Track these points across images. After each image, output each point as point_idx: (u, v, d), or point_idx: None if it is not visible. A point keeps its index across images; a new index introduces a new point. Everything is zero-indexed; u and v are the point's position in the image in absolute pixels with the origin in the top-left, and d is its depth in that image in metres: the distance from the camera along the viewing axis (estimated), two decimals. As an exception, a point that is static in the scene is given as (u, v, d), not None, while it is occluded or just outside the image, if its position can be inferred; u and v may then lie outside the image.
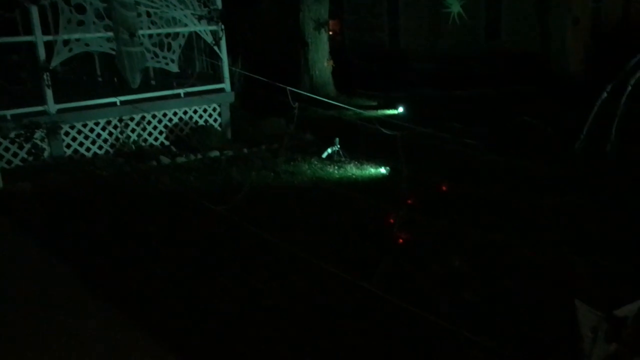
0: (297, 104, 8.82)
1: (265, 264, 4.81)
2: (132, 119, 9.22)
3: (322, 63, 15.63)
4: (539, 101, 12.81)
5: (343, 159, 8.42)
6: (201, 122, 9.97)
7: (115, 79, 9.85)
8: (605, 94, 8.50)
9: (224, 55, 10.09)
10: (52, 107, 8.50)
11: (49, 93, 8.45)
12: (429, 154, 8.52)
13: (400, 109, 13.18)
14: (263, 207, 6.35)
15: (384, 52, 20.18)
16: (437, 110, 12.58)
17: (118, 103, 9.05)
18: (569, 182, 6.94)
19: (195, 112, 9.94)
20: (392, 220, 5.26)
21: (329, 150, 8.56)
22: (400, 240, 4.88)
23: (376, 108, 13.89)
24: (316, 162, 8.34)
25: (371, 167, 8.01)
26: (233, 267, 4.79)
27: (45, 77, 8.40)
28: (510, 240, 5.07)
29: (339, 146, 8.54)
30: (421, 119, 11.63)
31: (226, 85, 10.25)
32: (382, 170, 7.81)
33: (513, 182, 7.07)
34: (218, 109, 10.19)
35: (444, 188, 6.47)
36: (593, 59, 15.10)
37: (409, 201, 5.93)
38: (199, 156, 8.90)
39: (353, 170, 7.95)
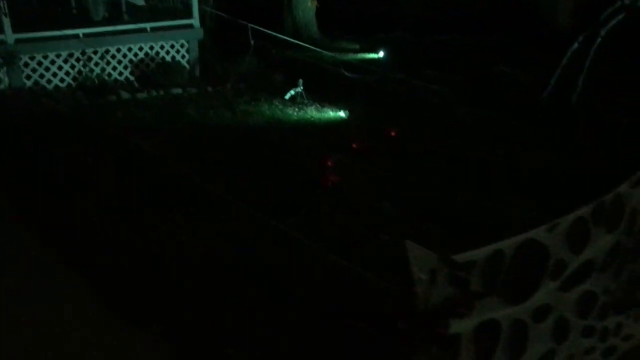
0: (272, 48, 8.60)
1: (183, 205, 4.74)
2: (95, 53, 9.01)
3: (305, 3, 15.19)
4: (522, 51, 12.52)
5: (306, 101, 8.28)
6: (168, 58, 9.76)
7: (75, 11, 9.59)
8: (576, 45, 8.30)
9: (192, -13, 9.78)
10: (10, 36, 8.28)
11: (6, 22, 8.22)
12: (395, 101, 8.39)
13: (381, 54, 12.91)
14: (201, 145, 6.25)
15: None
16: (418, 56, 12.31)
17: (81, 35, 8.85)
18: (523, 132, 6.85)
19: (162, 47, 9.71)
20: (329, 164, 5.20)
21: (292, 92, 8.41)
22: (331, 184, 4.84)
23: (357, 51, 13.59)
24: (278, 103, 8.21)
25: (332, 110, 7.89)
26: (151, 207, 4.73)
27: (2, 5, 8.15)
28: (442, 187, 5.05)
29: (302, 88, 8.39)
30: (400, 64, 11.44)
31: (195, 21, 9.98)
32: (342, 114, 7.70)
33: (469, 131, 6.98)
34: (186, 46, 9.95)
35: (393, 134, 6.38)
36: (585, 13, 14.69)
37: (354, 145, 5.86)
38: (161, 92, 8.75)
39: (313, 112, 7.83)
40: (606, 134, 6.45)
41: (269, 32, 9.46)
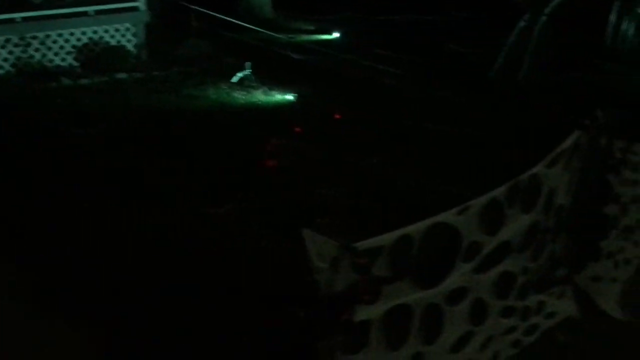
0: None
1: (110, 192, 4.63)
2: (34, 38, 8.69)
3: (259, -16, 14.91)
4: (475, 29, 12.54)
5: (254, 84, 8.14)
6: (113, 42, 9.47)
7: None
8: (523, 23, 8.34)
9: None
10: (-60, 21, 7.94)
11: None
12: (345, 83, 8.31)
13: (336, 34, 12.79)
14: (139, 131, 6.07)
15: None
16: (371, 36, 12.18)
17: (19, 20, 8.51)
18: (470, 111, 6.85)
19: (106, 32, 9.40)
20: (269, 149, 5.12)
21: (240, 75, 8.25)
22: (270, 169, 4.76)
23: (312, 32, 13.43)
24: (225, 87, 8.04)
25: (280, 93, 7.77)
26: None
27: None
28: (384, 168, 5.02)
29: (250, 71, 8.23)
30: (353, 44, 11.34)
31: (140, 3, 9.67)
32: (290, 97, 7.59)
33: (417, 111, 6.95)
34: (132, 29, 9.66)
35: (337, 116, 6.32)
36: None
37: (297, 129, 5.79)
38: (105, 78, 8.50)
39: (260, 96, 7.71)
40: (547, 111, 6.50)
41: (217, 15, 9.22)
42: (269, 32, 10.62)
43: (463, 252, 2.53)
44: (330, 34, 12.94)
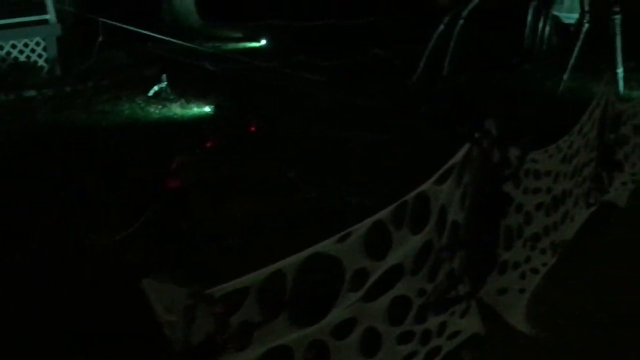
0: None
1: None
2: None
3: (184, -9, 14.56)
4: (400, 32, 12.59)
5: (171, 97, 7.83)
6: (22, 58, 8.96)
7: None
8: (442, 27, 8.36)
9: (44, -22, 9.01)
10: None
11: None
12: (266, 92, 8.11)
13: (263, 42, 12.60)
14: (40, 152, 5.70)
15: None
16: (300, 42, 12.08)
17: None
18: (391, 118, 6.77)
19: (13, 47, 8.89)
20: (175, 167, 4.85)
21: (156, 88, 7.92)
22: (174, 188, 4.51)
23: (240, 40, 13.21)
24: (140, 101, 7.71)
25: (197, 106, 7.50)
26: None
27: None
28: (298, 182, 4.85)
29: (166, 83, 7.93)
30: (279, 52, 11.18)
31: (51, 16, 9.20)
32: (207, 109, 7.34)
33: (337, 119, 6.82)
34: (42, 44, 9.17)
35: (253, 129, 6.11)
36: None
37: (208, 144, 5.55)
38: (12, 96, 8.00)
39: (176, 109, 7.41)
40: (466, 116, 6.48)
41: (128, 27, 8.86)
42: (186, 43, 10.23)
43: (348, 282, 2.36)
44: (257, 41, 12.75)
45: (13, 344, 3.08)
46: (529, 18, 8.71)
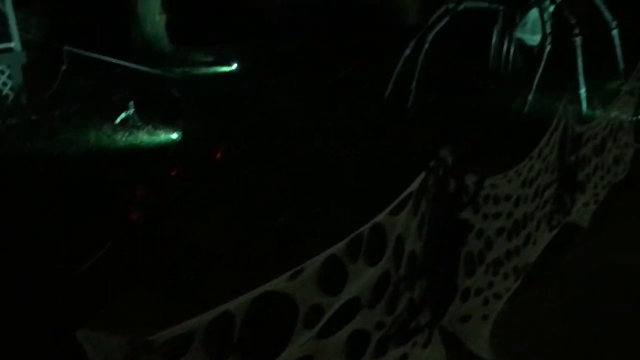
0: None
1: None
2: None
3: (153, 16, 14.54)
4: (373, 53, 12.70)
5: (139, 124, 7.75)
6: (-14, 87, 8.84)
7: None
8: (408, 50, 8.44)
9: (8, 6, 8.90)
10: None
11: None
12: (236, 116, 8.09)
13: (235, 66, 12.61)
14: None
15: (230, 1, 19.23)
16: (271, 65, 12.15)
17: None
18: (360, 140, 6.76)
19: (-24, 76, 8.78)
20: (138, 198, 4.78)
21: (123, 115, 7.85)
22: (136, 220, 4.42)
23: (211, 64, 13.20)
24: (107, 129, 7.61)
25: (165, 132, 7.42)
26: None
27: None
28: (265, 209, 4.80)
29: (133, 110, 7.85)
30: (251, 75, 11.22)
31: (16, 44, 9.10)
32: (175, 136, 7.27)
33: (307, 141, 6.80)
34: (7, 72, 9.05)
35: (219, 155, 6.06)
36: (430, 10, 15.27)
37: (173, 172, 5.48)
38: (-27, 127, 7.87)
39: (143, 137, 7.32)
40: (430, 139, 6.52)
41: (93, 55, 8.79)
42: (149, 70, 10.16)
43: (302, 319, 2.32)
44: (229, 65, 12.76)
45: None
46: (494, 40, 8.84)
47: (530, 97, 7.43)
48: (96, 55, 8.90)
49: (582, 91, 7.62)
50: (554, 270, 4.14)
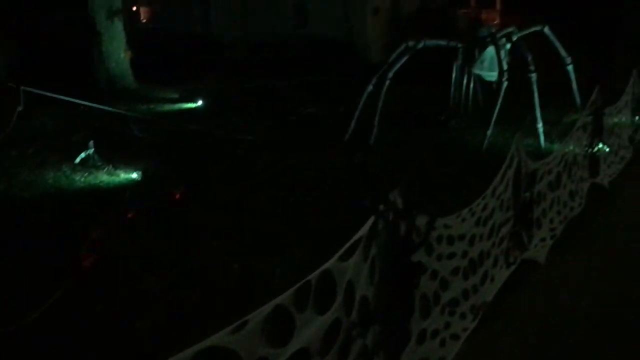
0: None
1: None
2: None
3: (118, 54, 14.50)
4: (337, 91, 12.84)
5: (99, 163, 7.63)
6: (-60, 126, 8.64)
7: None
8: (370, 87, 8.55)
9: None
10: None
11: None
12: (198, 155, 8.04)
13: (200, 102, 12.60)
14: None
15: (196, 39, 19.36)
16: (235, 103, 12.17)
17: None
18: (321, 178, 6.75)
19: None
20: (91, 242, 4.66)
21: (83, 155, 7.72)
22: (86, 268, 4.31)
23: (176, 101, 13.18)
24: (66, 169, 7.48)
25: (125, 172, 7.32)
26: None
27: None
28: (222, 253, 4.73)
29: (93, 149, 7.74)
30: (215, 113, 11.22)
31: (-27, 83, 8.98)
32: (135, 175, 7.17)
33: (267, 182, 6.77)
34: (-36, 111, 8.89)
35: (177, 196, 5.99)
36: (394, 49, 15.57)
37: (130, 215, 5.38)
38: None
39: (103, 177, 7.21)
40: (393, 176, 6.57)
41: (54, 95, 8.69)
42: (109, 109, 10.05)
43: (247, 373, 2.25)
44: (194, 102, 12.75)
45: None
46: (454, 76, 9.03)
47: (489, 133, 7.56)
48: (55, 95, 8.77)
49: (539, 126, 7.80)
50: (511, 307, 4.15)
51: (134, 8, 21.45)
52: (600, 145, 6.25)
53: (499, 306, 4.09)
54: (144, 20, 22.38)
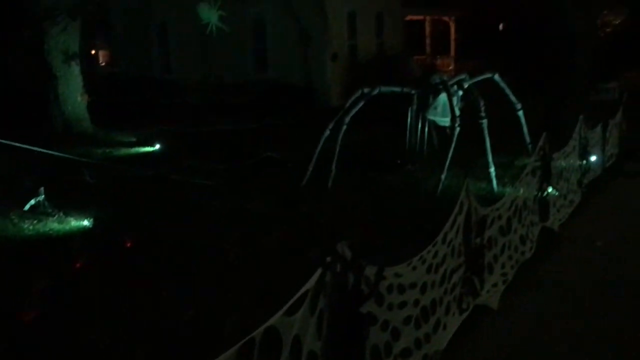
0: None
1: None
2: None
3: (75, 98, 14.34)
4: (297, 135, 12.92)
5: (49, 210, 7.42)
6: None
7: None
8: (327, 132, 8.63)
9: None
10: None
11: None
12: (153, 200, 7.91)
13: (157, 146, 12.49)
14: None
15: (155, 83, 19.37)
16: (193, 146, 12.12)
17: None
18: (278, 224, 6.71)
19: None
20: (33, 295, 4.48)
21: (32, 202, 7.51)
22: (29, 321, 4.13)
23: (133, 145, 13.03)
24: (14, 216, 7.25)
25: (76, 219, 7.13)
26: None
27: None
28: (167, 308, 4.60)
29: (43, 196, 7.54)
30: (172, 157, 11.12)
31: None
32: (86, 223, 7.00)
33: (221, 228, 6.67)
34: None
35: (129, 244, 5.84)
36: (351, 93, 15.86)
37: (77, 265, 5.22)
38: None
39: (53, 224, 7.00)
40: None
41: (7, 142, 8.47)
42: (60, 154, 9.85)
43: None
44: (151, 145, 12.63)
45: None
46: (409, 121, 9.20)
47: (443, 177, 7.68)
48: (3, 141, 8.56)
49: (492, 170, 7.97)
50: (465, 355, 4.14)
51: (93, 52, 21.43)
52: (550, 190, 6.41)
53: (452, 354, 4.07)
54: (103, 64, 22.31)
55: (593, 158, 8.43)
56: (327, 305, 2.82)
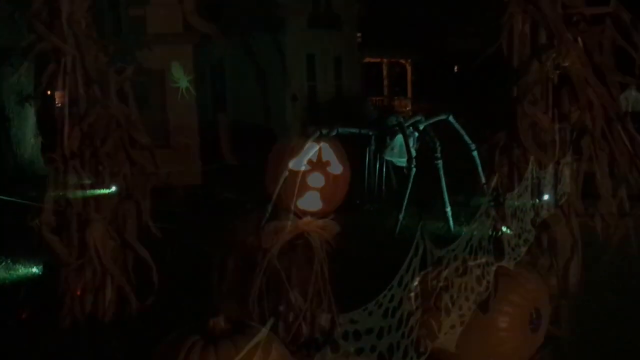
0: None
1: None
2: None
3: (29, 139, 14.07)
4: (256, 176, 12.83)
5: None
6: None
7: None
8: (287, 173, 8.61)
9: None
10: None
11: None
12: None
13: (114, 188, 12.22)
14: None
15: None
16: (147, 187, 11.88)
17: None
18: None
19: None
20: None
21: (-22, 249, 7.25)
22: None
23: (89, 187, 12.72)
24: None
25: (24, 267, 6.89)
26: None
27: None
28: None
29: (-10, 243, 7.28)
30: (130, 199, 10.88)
31: None
32: (34, 270, 6.76)
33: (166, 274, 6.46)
34: None
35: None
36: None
37: (25, 315, 4.99)
38: None
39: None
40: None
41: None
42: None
43: None
44: (108, 187, 12.37)
45: None
46: (367, 161, 9.30)
47: (400, 217, 7.75)
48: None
49: (448, 210, 8.08)
50: (423, 400, 4.09)
51: (48, 92, 21.13)
52: (504, 230, 6.49)
53: (410, 399, 4.01)
54: (59, 105, 22.00)
55: (546, 197, 8.62)
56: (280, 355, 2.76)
